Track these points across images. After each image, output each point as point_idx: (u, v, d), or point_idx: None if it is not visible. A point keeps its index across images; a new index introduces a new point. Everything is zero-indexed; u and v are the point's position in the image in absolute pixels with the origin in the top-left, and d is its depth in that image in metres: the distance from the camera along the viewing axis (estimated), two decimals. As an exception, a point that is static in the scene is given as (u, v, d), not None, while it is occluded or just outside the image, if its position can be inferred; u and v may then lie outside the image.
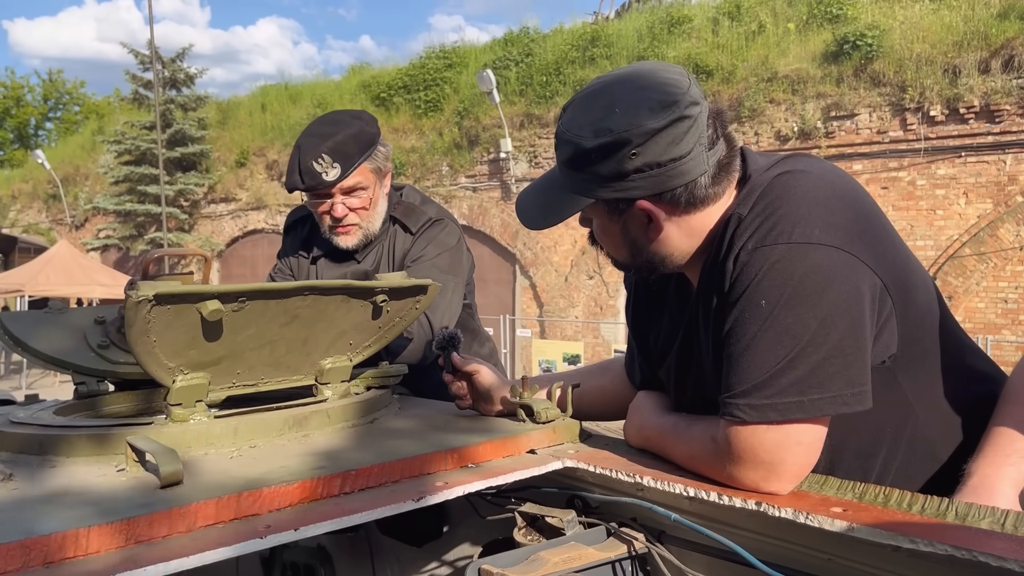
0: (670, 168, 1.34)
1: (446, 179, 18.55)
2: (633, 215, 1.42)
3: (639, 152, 1.32)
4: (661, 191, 1.37)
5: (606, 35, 17.35)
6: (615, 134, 1.32)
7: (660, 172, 1.34)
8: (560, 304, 16.61)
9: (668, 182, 1.36)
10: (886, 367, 1.36)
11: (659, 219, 1.41)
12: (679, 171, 1.35)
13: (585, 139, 1.35)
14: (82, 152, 28.95)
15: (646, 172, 1.34)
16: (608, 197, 1.40)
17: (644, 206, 1.39)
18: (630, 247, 1.48)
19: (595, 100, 1.38)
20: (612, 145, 1.33)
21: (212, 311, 1.39)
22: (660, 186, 1.36)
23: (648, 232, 1.44)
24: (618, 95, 1.35)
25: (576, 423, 1.70)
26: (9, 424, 1.54)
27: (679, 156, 1.33)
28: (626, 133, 1.31)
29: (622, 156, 1.33)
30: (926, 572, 1.06)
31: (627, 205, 1.40)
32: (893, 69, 13.07)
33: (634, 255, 1.49)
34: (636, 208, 1.40)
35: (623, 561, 1.41)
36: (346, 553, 2.12)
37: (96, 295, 18.46)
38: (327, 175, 2.37)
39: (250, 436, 1.51)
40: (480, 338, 2.88)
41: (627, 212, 1.42)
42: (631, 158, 1.33)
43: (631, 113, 1.32)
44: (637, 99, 1.33)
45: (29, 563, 0.98)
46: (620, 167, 1.34)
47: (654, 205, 1.39)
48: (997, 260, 12.16)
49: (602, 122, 1.34)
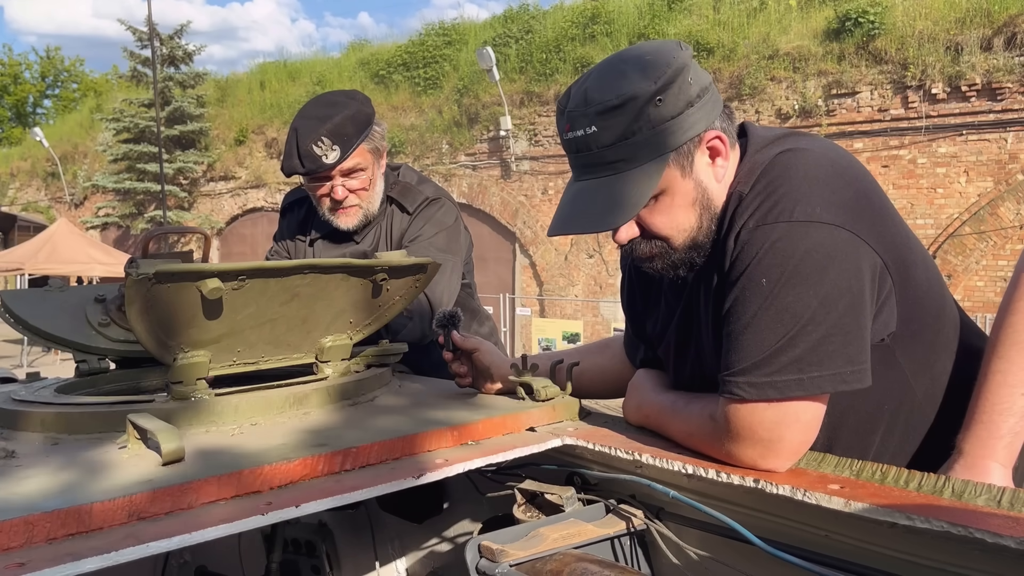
0: (711, 92, 1.37)
1: (446, 157, 18.48)
2: (700, 158, 1.39)
3: (693, 78, 1.34)
4: (715, 117, 1.38)
5: (606, 12, 17.22)
6: (672, 67, 1.31)
7: (709, 96, 1.37)
8: (560, 283, 16.61)
9: (716, 106, 1.38)
10: (885, 345, 1.37)
11: (726, 147, 1.40)
12: (716, 96, 1.39)
13: (645, 86, 1.30)
14: (80, 130, 28.83)
15: (703, 97, 1.36)
16: (682, 140, 1.34)
17: (713, 135, 1.38)
18: (702, 203, 1.40)
19: (619, 66, 1.36)
20: (674, 76, 1.31)
21: (212, 289, 1.39)
22: (714, 110, 1.38)
23: (715, 172, 1.41)
24: (634, 54, 1.36)
25: (575, 401, 1.70)
26: (11, 402, 1.54)
27: (710, 81, 1.38)
28: (677, 62, 1.32)
29: (684, 84, 1.33)
30: (923, 548, 1.07)
31: (696, 145, 1.37)
32: (895, 47, 12.99)
33: (703, 212, 1.41)
34: (704, 144, 1.38)
35: (622, 537, 1.43)
36: (347, 530, 2.13)
37: (96, 273, 18.45)
38: (327, 158, 2.35)
39: (251, 414, 1.52)
40: (480, 317, 2.88)
41: (694, 156, 1.38)
42: (691, 84, 1.34)
43: (663, 52, 1.34)
44: (652, 46, 1.36)
45: (32, 540, 0.99)
46: (687, 96, 1.33)
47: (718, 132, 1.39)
48: (997, 239, 12.15)
49: (649, 68, 1.32)
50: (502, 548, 1.29)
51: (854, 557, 1.15)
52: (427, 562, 2.10)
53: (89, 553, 0.96)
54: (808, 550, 1.19)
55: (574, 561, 1.27)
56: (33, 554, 0.96)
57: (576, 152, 1.37)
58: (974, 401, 1.38)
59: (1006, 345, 1.37)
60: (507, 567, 1.26)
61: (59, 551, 0.97)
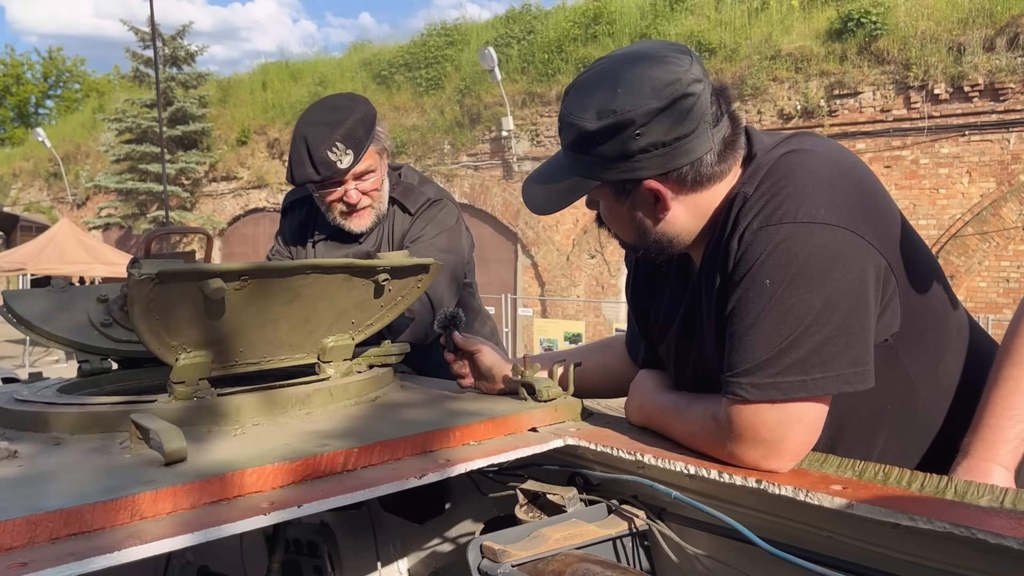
0: (675, 147, 1.34)
1: (447, 158, 18.49)
2: (640, 196, 1.41)
3: (643, 132, 1.32)
4: (667, 170, 1.36)
5: (608, 12, 17.22)
6: (618, 115, 1.31)
7: (665, 152, 1.34)
8: (561, 283, 16.61)
9: (674, 161, 1.35)
10: (888, 345, 1.36)
11: (666, 199, 1.40)
12: (684, 150, 1.34)
13: (588, 121, 1.34)
14: (83, 130, 28.86)
15: (651, 152, 1.34)
16: (614, 179, 1.39)
17: (651, 186, 1.38)
18: (637, 228, 1.47)
19: (597, 82, 1.37)
20: (615, 127, 1.32)
21: (214, 289, 1.39)
22: (666, 165, 1.35)
23: (656, 212, 1.43)
24: (620, 76, 1.34)
25: (577, 401, 1.70)
26: (14, 402, 1.54)
27: (684, 135, 1.33)
28: (629, 114, 1.31)
29: (626, 137, 1.32)
30: (925, 549, 1.07)
31: (634, 186, 1.39)
32: (897, 47, 12.99)
33: (642, 236, 1.48)
34: (643, 188, 1.39)
35: (624, 538, 1.42)
36: (349, 530, 2.13)
37: (98, 274, 18.46)
38: (341, 163, 2.33)
39: (253, 414, 1.52)
40: (481, 317, 2.88)
41: (634, 193, 1.41)
42: (635, 139, 1.32)
43: (634, 93, 1.31)
44: (639, 79, 1.32)
45: (35, 539, 0.99)
46: (625, 148, 1.34)
47: (661, 184, 1.38)
48: (999, 239, 12.13)
49: (605, 104, 1.33)
50: (504, 548, 1.29)
51: (856, 558, 1.15)
52: (429, 562, 2.10)
53: (91, 553, 0.96)
54: (810, 551, 1.19)
55: (576, 561, 1.27)
56: (36, 554, 0.96)
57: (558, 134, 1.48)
58: (982, 404, 1.38)
59: (1020, 351, 1.36)
60: (509, 567, 1.26)
61: (61, 551, 0.97)
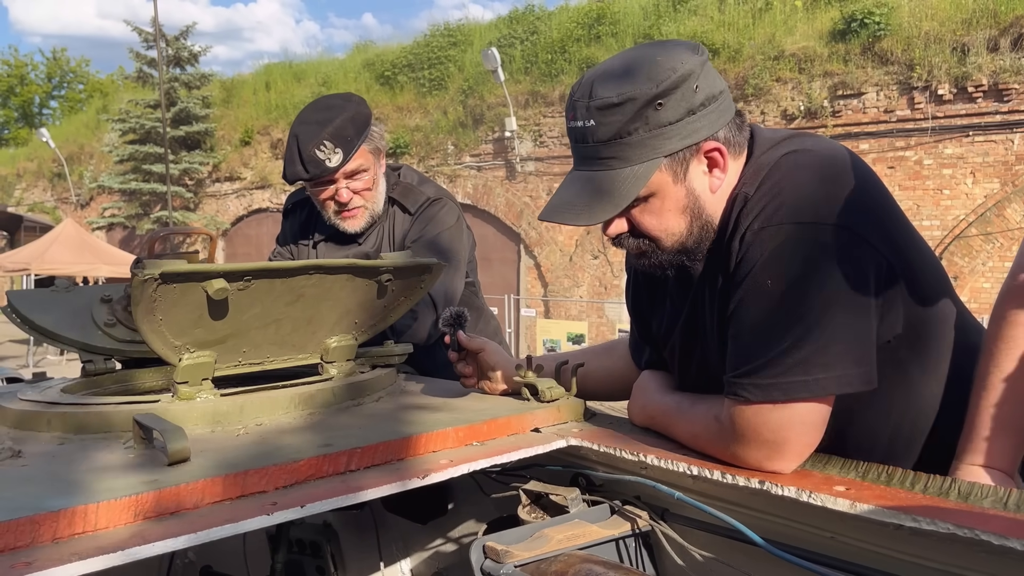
0: (721, 100, 1.35)
1: (451, 158, 18.49)
2: (696, 167, 1.38)
3: (700, 85, 1.32)
4: (721, 126, 1.36)
5: (611, 13, 17.21)
6: (678, 72, 1.30)
7: (716, 105, 1.35)
8: (564, 284, 16.61)
9: (724, 115, 1.36)
10: (891, 346, 1.36)
11: (724, 159, 1.38)
12: (726, 105, 1.36)
13: (647, 88, 1.29)
14: (86, 131, 28.91)
15: (708, 106, 1.34)
16: (679, 147, 1.34)
17: (712, 145, 1.36)
18: (692, 211, 1.40)
19: (628, 64, 1.34)
20: (679, 81, 1.30)
21: (218, 290, 1.39)
22: (720, 120, 1.35)
23: (710, 183, 1.40)
24: (645, 53, 1.35)
25: (580, 402, 1.70)
26: (18, 402, 1.55)
27: (723, 89, 1.35)
28: (684, 67, 1.30)
29: (687, 91, 1.31)
30: (928, 550, 1.07)
31: (692, 153, 1.36)
32: (901, 47, 12.96)
33: (693, 220, 1.41)
34: (702, 153, 1.37)
35: (627, 538, 1.42)
36: (352, 530, 2.13)
37: (102, 274, 18.50)
38: (330, 161, 2.36)
39: (256, 414, 1.52)
40: (484, 316, 2.89)
41: (690, 163, 1.37)
42: (695, 91, 1.32)
43: (675, 55, 1.32)
44: (667, 47, 1.34)
45: (38, 539, 0.99)
46: (690, 103, 1.32)
47: (718, 143, 1.37)
48: (1004, 240, 12.11)
49: (655, 70, 1.30)
50: (507, 549, 1.29)
51: (859, 559, 1.15)
52: (431, 563, 2.10)
53: (94, 552, 0.96)
54: (813, 552, 1.19)
55: (579, 562, 1.27)
56: (39, 553, 0.96)
57: (575, 142, 1.39)
58: (971, 409, 1.38)
59: (1002, 353, 1.36)
60: (512, 568, 1.27)
61: (65, 550, 0.97)
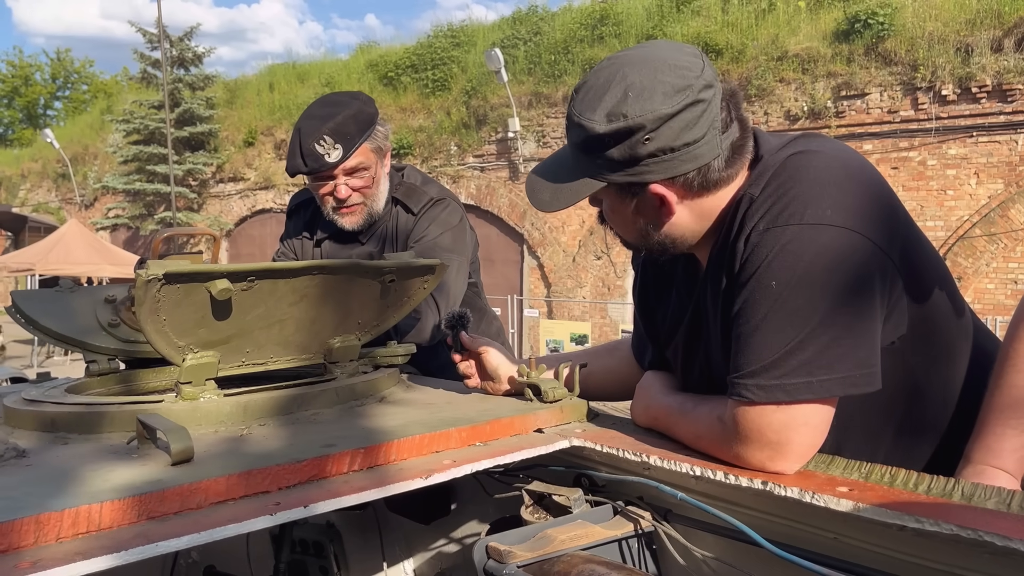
0: (683, 152, 1.33)
1: (454, 159, 18.50)
2: (645, 198, 1.41)
3: (652, 137, 1.31)
4: (674, 175, 1.36)
5: (615, 14, 17.20)
6: (628, 120, 1.30)
7: (673, 156, 1.33)
8: (568, 284, 16.60)
9: (681, 166, 1.35)
10: (895, 348, 1.36)
11: (671, 203, 1.40)
12: (692, 155, 1.34)
13: (598, 124, 1.34)
14: (91, 131, 28.98)
15: (659, 157, 1.33)
16: (621, 181, 1.39)
17: (657, 190, 1.38)
18: (641, 230, 1.47)
19: (608, 84, 1.36)
20: (625, 131, 1.32)
21: (221, 290, 1.39)
22: (673, 170, 1.35)
23: (660, 215, 1.42)
24: (631, 79, 1.33)
25: (583, 403, 1.70)
26: (22, 402, 1.55)
27: (692, 140, 1.33)
28: (639, 119, 1.30)
29: (635, 141, 1.32)
30: (932, 551, 1.07)
31: (639, 189, 1.39)
32: (905, 48, 12.94)
33: (645, 237, 1.48)
34: (648, 192, 1.39)
35: (630, 539, 1.42)
36: (355, 530, 2.13)
37: (106, 274, 18.54)
38: (329, 156, 2.37)
39: (259, 414, 1.52)
40: (487, 317, 2.89)
41: (639, 195, 1.40)
42: (644, 143, 1.32)
43: (644, 98, 1.30)
44: (651, 83, 1.31)
45: (42, 538, 0.99)
46: (633, 152, 1.33)
47: (667, 189, 1.38)
48: (1007, 241, 12.09)
49: (615, 107, 1.32)
50: (509, 549, 1.29)
51: (863, 560, 1.15)
52: (434, 563, 2.10)
53: (98, 552, 0.97)
54: (816, 552, 1.18)
55: (582, 562, 1.27)
56: (43, 553, 0.97)
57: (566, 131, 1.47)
58: (984, 411, 1.37)
59: (1021, 355, 1.36)
60: (514, 568, 1.26)
61: (69, 550, 0.98)
